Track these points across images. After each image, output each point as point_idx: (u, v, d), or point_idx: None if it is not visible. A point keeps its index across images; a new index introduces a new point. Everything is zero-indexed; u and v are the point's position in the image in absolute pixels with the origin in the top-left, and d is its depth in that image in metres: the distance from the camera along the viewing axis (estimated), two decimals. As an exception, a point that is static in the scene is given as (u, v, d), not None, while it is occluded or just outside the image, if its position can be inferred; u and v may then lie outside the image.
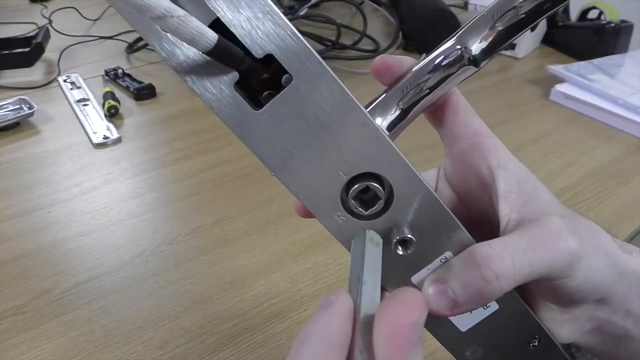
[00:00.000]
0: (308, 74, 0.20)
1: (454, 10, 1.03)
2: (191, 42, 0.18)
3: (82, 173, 0.63)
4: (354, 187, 0.22)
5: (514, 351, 0.27)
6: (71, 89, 0.82)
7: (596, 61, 0.90)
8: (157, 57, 0.95)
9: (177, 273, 0.49)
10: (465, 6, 1.19)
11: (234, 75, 0.20)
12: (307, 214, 0.24)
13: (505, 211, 0.24)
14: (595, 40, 0.96)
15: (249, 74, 0.20)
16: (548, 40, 1.04)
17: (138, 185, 0.61)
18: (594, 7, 1.02)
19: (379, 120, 0.24)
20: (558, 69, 0.86)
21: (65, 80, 0.85)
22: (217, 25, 0.19)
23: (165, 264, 0.50)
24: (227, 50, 0.19)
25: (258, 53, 0.20)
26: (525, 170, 0.25)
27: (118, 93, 0.79)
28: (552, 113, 0.81)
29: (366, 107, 0.24)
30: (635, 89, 0.80)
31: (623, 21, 0.96)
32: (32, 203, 0.58)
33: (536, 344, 0.26)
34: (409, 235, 0.22)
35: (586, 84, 0.81)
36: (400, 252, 0.22)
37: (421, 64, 0.24)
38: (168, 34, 0.19)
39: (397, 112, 0.24)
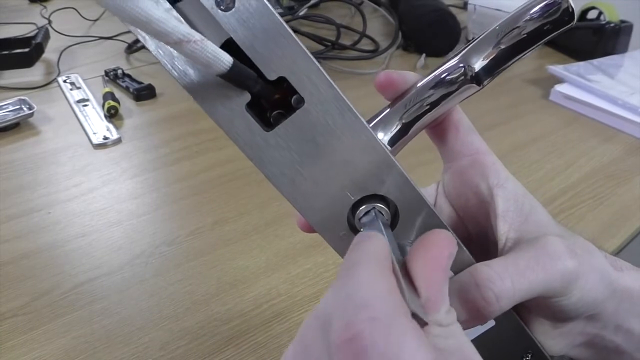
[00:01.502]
0: (319, 97, 0.20)
1: (453, 10, 1.03)
2: (207, 66, 0.18)
3: (82, 174, 0.63)
4: (360, 209, 0.22)
5: None
6: (71, 89, 0.82)
7: (596, 61, 0.90)
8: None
9: (177, 274, 0.49)
10: (464, 6, 1.19)
11: (246, 97, 0.20)
12: (310, 229, 0.24)
13: (504, 230, 0.25)
14: (594, 40, 0.96)
15: (261, 95, 0.20)
16: (548, 40, 1.04)
17: (138, 185, 0.61)
18: (593, 7, 1.02)
19: (380, 135, 0.24)
20: (557, 69, 0.86)
21: (65, 81, 0.85)
22: (229, 45, 0.19)
23: (165, 265, 0.50)
24: (241, 74, 0.19)
25: (270, 75, 0.20)
26: (523, 189, 0.26)
27: (118, 93, 0.79)
28: (551, 113, 0.81)
29: (369, 122, 0.24)
30: (635, 89, 0.80)
31: (622, 21, 0.97)
32: (32, 204, 0.58)
33: (529, 358, 0.27)
34: None
35: (586, 84, 0.81)
36: None
37: (425, 80, 0.24)
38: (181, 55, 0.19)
39: (399, 128, 0.24)
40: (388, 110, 0.25)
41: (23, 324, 0.44)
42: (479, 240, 0.27)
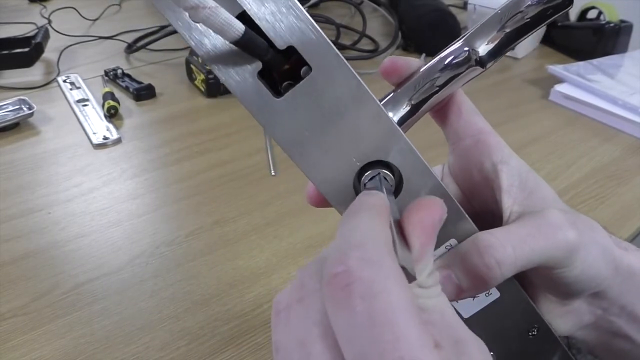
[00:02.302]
0: (326, 66, 0.21)
1: (453, 10, 1.03)
2: (220, 31, 0.19)
3: (82, 174, 0.63)
4: (365, 174, 0.23)
5: (513, 339, 0.28)
6: (71, 89, 0.82)
7: (595, 61, 0.90)
8: (156, 58, 0.95)
9: (177, 274, 0.49)
10: (464, 6, 1.19)
11: (258, 65, 0.21)
12: (319, 202, 0.25)
13: (508, 204, 0.25)
14: (594, 40, 0.96)
15: (271, 64, 0.22)
16: (547, 40, 1.04)
17: (138, 185, 0.61)
18: (593, 7, 1.02)
19: (390, 115, 0.25)
20: (557, 69, 0.86)
21: (64, 81, 0.85)
22: (243, 17, 0.21)
23: (165, 265, 0.50)
24: (252, 41, 0.20)
25: (280, 45, 0.21)
26: (526, 166, 0.26)
27: (118, 93, 0.79)
28: (551, 113, 0.81)
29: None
30: (635, 89, 0.80)
31: (622, 21, 0.96)
32: (32, 204, 0.58)
33: (535, 333, 0.27)
34: None
35: (586, 84, 0.81)
36: None
37: (430, 64, 0.25)
38: (198, 24, 0.21)
39: (407, 108, 0.25)
40: (396, 92, 0.26)
41: (23, 324, 0.44)
42: (484, 217, 0.27)
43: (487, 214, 0.27)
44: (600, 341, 0.28)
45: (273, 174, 0.64)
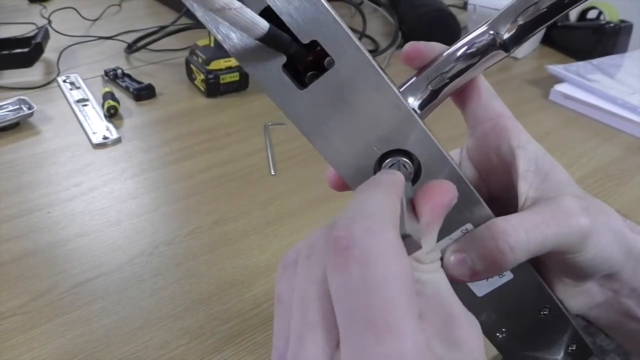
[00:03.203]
0: (348, 59, 0.22)
1: (453, 10, 1.04)
2: (245, 30, 0.21)
3: (82, 173, 0.63)
4: (385, 162, 0.24)
5: (525, 318, 0.29)
6: (71, 89, 0.82)
7: (595, 61, 0.90)
8: (156, 58, 0.95)
9: (176, 273, 0.49)
10: (464, 6, 1.19)
11: (282, 59, 0.23)
12: (339, 186, 0.26)
13: (524, 189, 0.26)
14: (594, 40, 0.96)
15: (295, 57, 0.23)
16: (547, 40, 1.04)
17: (137, 185, 0.61)
18: (593, 7, 1.02)
19: (410, 100, 0.25)
20: (557, 69, 0.86)
21: (64, 81, 0.85)
22: (267, 12, 0.22)
23: (165, 265, 0.50)
24: (276, 37, 0.21)
25: (304, 38, 0.22)
26: (543, 150, 0.27)
27: (117, 93, 0.79)
28: (551, 113, 0.81)
29: (399, 88, 0.26)
30: (635, 89, 0.80)
31: (622, 21, 0.97)
32: (32, 203, 0.58)
33: (547, 312, 0.28)
34: None
35: (585, 84, 0.81)
36: None
37: (453, 48, 0.26)
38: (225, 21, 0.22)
39: (428, 93, 0.26)
40: (416, 77, 0.26)
41: (23, 323, 0.44)
42: (500, 200, 0.28)
43: (504, 197, 0.28)
44: (611, 320, 0.29)
45: (273, 173, 0.64)
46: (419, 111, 0.25)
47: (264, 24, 0.21)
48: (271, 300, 0.47)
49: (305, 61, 0.23)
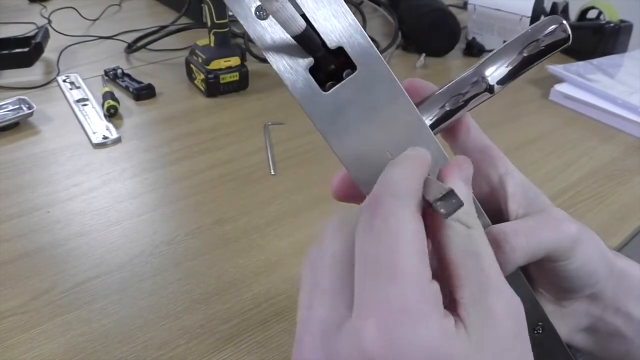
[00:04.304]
0: (370, 67, 0.24)
1: (453, 10, 1.03)
2: (285, 24, 0.22)
3: (82, 173, 0.63)
4: None
5: None
6: (70, 89, 0.82)
7: (595, 61, 0.90)
8: (156, 58, 0.95)
9: (176, 273, 0.49)
10: (464, 6, 1.19)
11: (310, 61, 0.24)
12: (343, 197, 0.27)
13: (513, 208, 0.28)
14: (594, 40, 0.96)
15: (321, 62, 0.24)
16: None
17: (137, 185, 0.61)
18: (593, 7, 1.02)
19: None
20: (557, 69, 0.86)
21: (64, 80, 0.85)
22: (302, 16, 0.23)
23: (165, 264, 0.50)
24: (310, 37, 0.23)
25: (331, 45, 0.24)
26: (527, 180, 0.29)
27: (117, 93, 0.79)
28: (551, 113, 0.81)
29: None
30: (635, 89, 0.80)
31: (622, 21, 0.96)
32: (32, 203, 0.58)
33: (540, 331, 0.28)
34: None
35: (585, 84, 0.81)
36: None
37: (443, 89, 0.28)
38: (261, 21, 0.24)
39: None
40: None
41: (22, 323, 0.44)
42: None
43: (493, 222, 0.29)
44: (599, 345, 0.30)
45: (273, 173, 0.64)
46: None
47: (301, 22, 0.22)
48: (271, 300, 0.47)
49: (328, 68, 0.25)
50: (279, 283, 0.48)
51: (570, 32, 0.27)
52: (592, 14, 1.03)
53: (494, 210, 0.29)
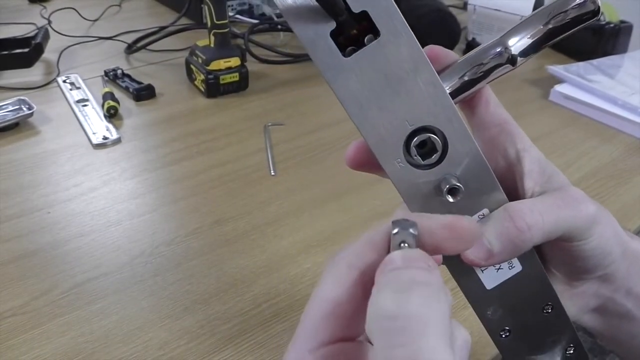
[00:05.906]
0: (394, 33, 0.23)
1: (453, 10, 1.04)
2: None
3: (82, 173, 0.63)
4: (415, 138, 0.25)
5: (529, 315, 0.29)
6: (70, 89, 0.82)
7: (595, 62, 0.90)
8: (156, 58, 0.95)
9: (176, 273, 0.49)
10: (464, 6, 1.19)
11: (332, 25, 0.23)
12: (357, 165, 0.27)
13: (529, 185, 0.27)
14: (594, 40, 0.96)
15: (344, 26, 0.23)
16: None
17: (137, 185, 0.61)
18: (593, 8, 1.02)
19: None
20: (557, 69, 0.86)
21: (64, 81, 0.85)
22: None
23: (165, 265, 0.50)
24: (334, 0, 0.22)
25: (356, 8, 0.23)
26: (544, 156, 0.29)
27: (117, 93, 0.79)
28: (551, 113, 0.81)
29: None
30: (635, 90, 0.80)
31: (622, 21, 0.96)
32: (32, 203, 0.58)
33: (549, 311, 0.29)
34: (458, 184, 0.25)
35: (585, 85, 0.81)
36: (451, 200, 0.25)
37: (465, 57, 0.27)
38: None
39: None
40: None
41: (22, 324, 0.44)
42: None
43: (510, 197, 0.29)
44: (607, 325, 0.30)
45: (273, 174, 0.64)
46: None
47: None
48: (271, 300, 0.47)
49: (350, 33, 0.24)
50: (279, 283, 0.48)
51: (600, 4, 0.25)
52: (592, 15, 1.03)
53: (511, 186, 0.28)
